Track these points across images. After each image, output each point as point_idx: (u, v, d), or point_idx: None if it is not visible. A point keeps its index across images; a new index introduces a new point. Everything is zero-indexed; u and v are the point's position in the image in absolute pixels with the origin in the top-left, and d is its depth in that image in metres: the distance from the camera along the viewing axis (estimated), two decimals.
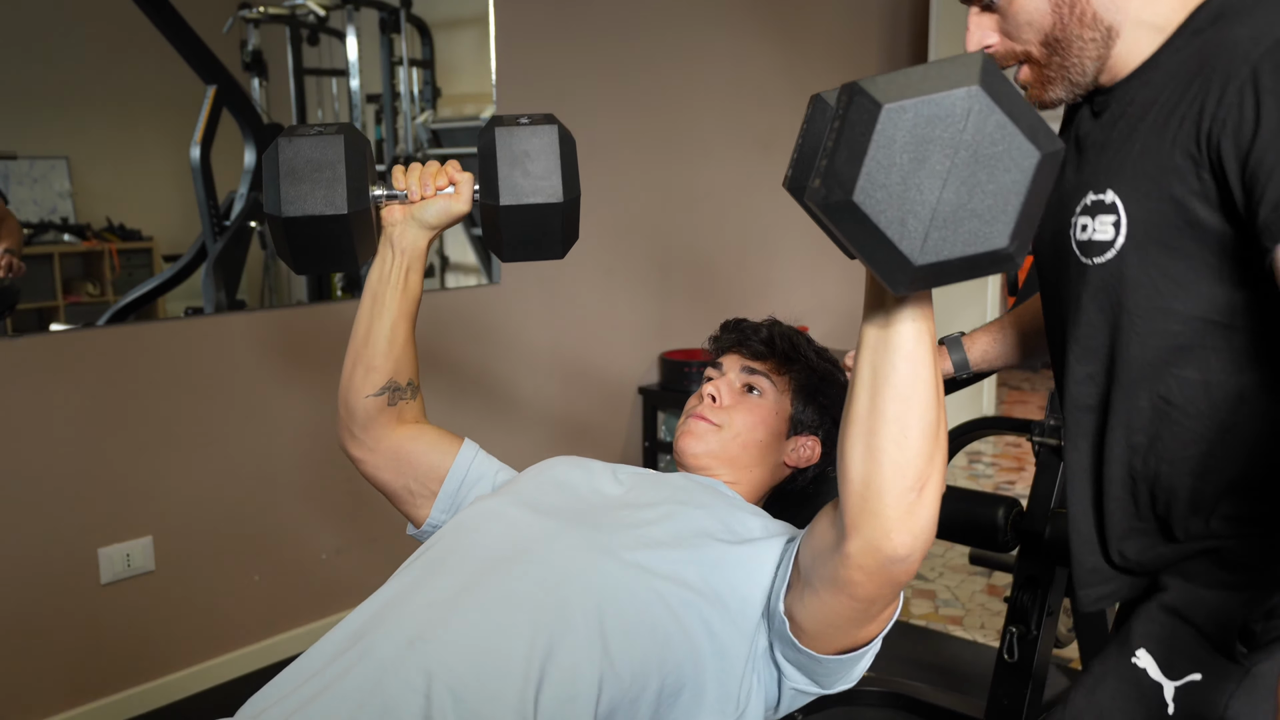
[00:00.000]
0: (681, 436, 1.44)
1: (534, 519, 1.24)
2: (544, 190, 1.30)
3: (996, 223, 0.78)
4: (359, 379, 1.41)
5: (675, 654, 1.11)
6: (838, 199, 0.78)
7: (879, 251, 0.79)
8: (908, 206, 0.77)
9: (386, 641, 1.07)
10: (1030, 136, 0.77)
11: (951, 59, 0.78)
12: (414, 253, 1.38)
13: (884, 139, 0.76)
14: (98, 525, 2.52)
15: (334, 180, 1.24)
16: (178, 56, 2.63)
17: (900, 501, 0.94)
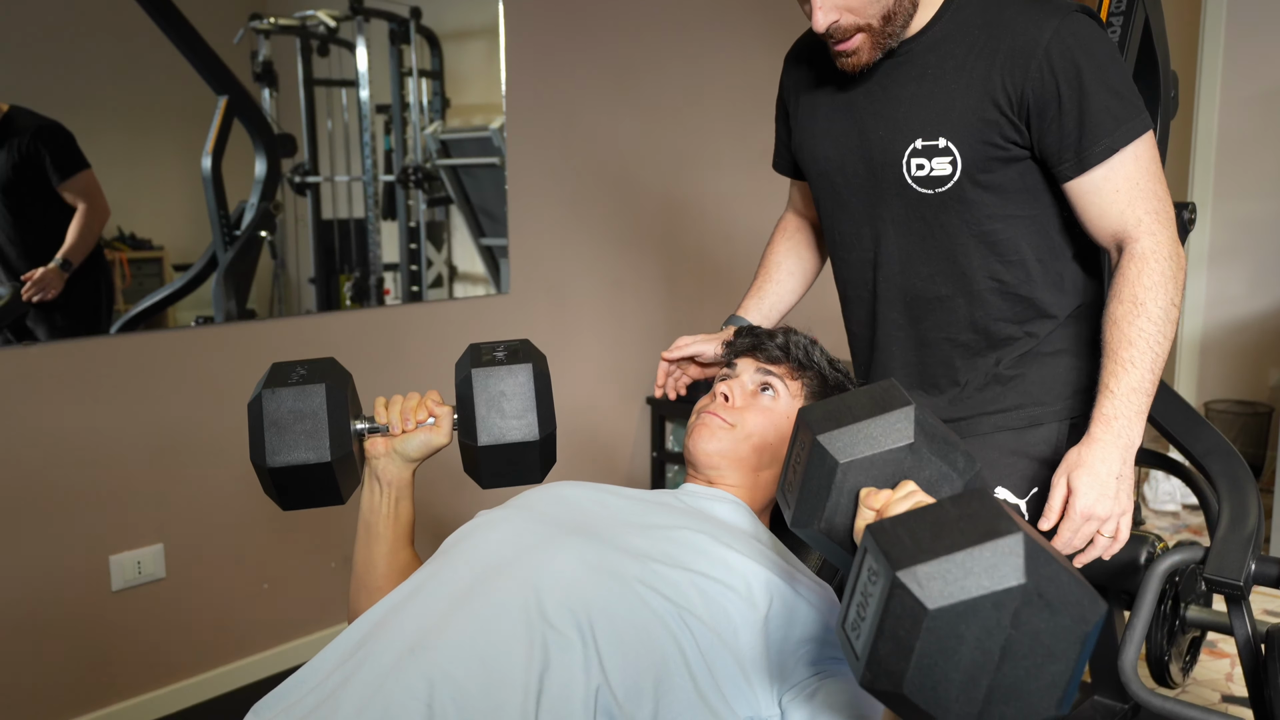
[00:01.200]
0: (694, 433, 1.43)
1: (536, 527, 1.24)
2: (520, 429, 1.35)
3: (1047, 698, 0.78)
4: (363, 601, 1.42)
5: (672, 674, 1.10)
6: (886, 689, 0.79)
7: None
8: (957, 692, 0.78)
9: (387, 649, 1.07)
10: (1076, 617, 0.77)
11: (987, 534, 0.78)
12: (400, 484, 1.42)
13: (931, 638, 0.77)
14: (109, 532, 2.53)
15: (316, 430, 1.29)
16: (189, 67, 2.64)
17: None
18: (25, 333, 2.42)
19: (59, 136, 2.46)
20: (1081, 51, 1.39)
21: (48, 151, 2.45)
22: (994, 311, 1.57)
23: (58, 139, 2.46)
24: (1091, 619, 0.78)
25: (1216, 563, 1.68)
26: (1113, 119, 1.39)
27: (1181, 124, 4.38)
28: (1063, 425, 1.60)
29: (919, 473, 1.03)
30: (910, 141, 1.49)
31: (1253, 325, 4.51)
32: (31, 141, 2.43)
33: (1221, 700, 2.69)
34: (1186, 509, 4.20)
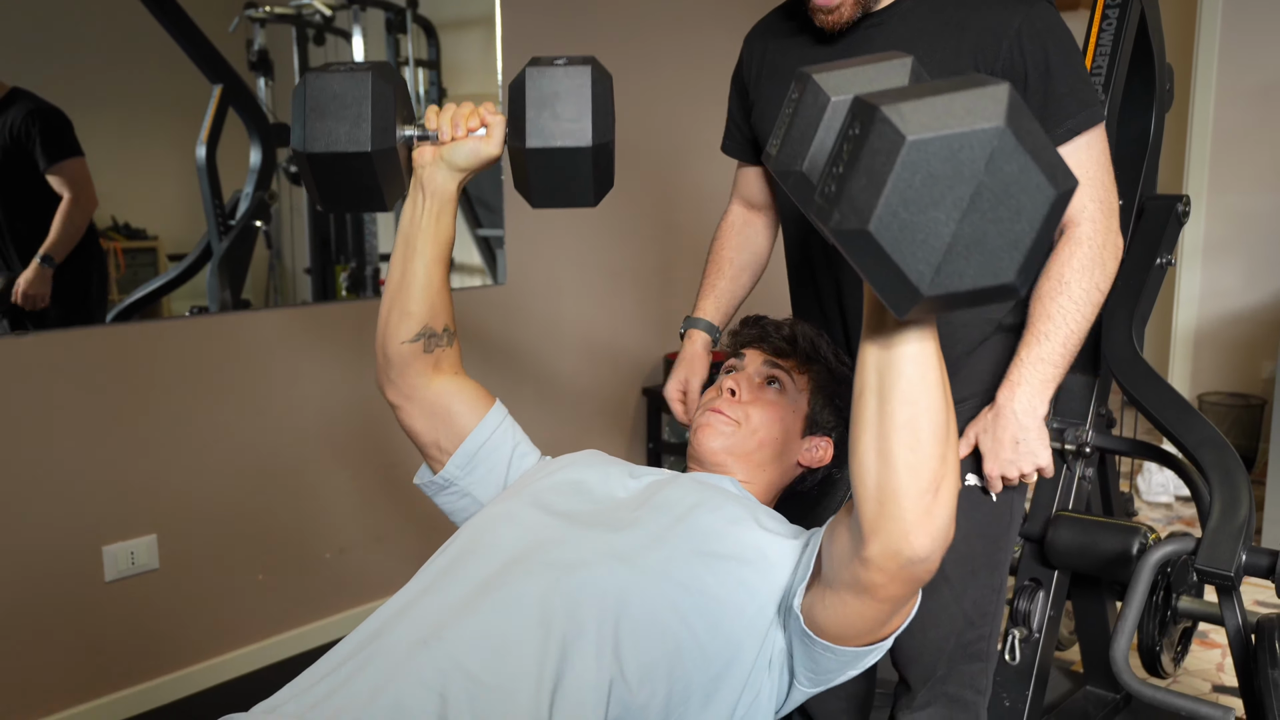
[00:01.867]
0: (698, 431, 1.43)
1: (548, 521, 1.24)
2: (573, 134, 1.26)
3: (1006, 258, 0.78)
4: (394, 324, 1.38)
5: (685, 661, 1.11)
6: (853, 227, 0.78)
7: (888, 279, 0.79)
8: (921, 238, 0.77)
9: (400, 641, 1.07)
10: (1049, 175, 0.77)
11: (974, 85, 0.77)
12: (444, 195, 1.36)
13: (906, 172, 0.75)
14: (102, 523, 2.53)
15: (358, 118, 1.22)
16: (184, 56, 2.64)
17: (917, 504, 0.95)
18: (19, 322, 2.42)
19: (53, 120, 2.44)
20: (1050, 38, 1.45)
21: (38, 133, 2.42)
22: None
23: (51, 122, 2.44)
24: (1064, 184, 0.77)
25: (1208, 553, 1.68)
26: (1076, 103, 1.46)
27: (1177, 117, 4.39)
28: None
29: None
30: None
31: (1246, 318, 4.52)
32: (24, 122, 2.41)
33: (1212, 690, 2.70)
34: (1179, 501, 4.21)
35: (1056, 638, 2.31)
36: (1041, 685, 2.15)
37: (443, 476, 1.42)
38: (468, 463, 1.41)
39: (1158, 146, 2.30)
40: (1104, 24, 2.07)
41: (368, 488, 3.03)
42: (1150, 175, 2.31)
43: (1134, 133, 2.26)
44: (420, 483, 1.48)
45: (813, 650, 1.13)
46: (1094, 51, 2.05)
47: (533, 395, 3.50)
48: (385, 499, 3.06)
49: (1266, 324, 4.42)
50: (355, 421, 2.97)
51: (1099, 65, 2.04)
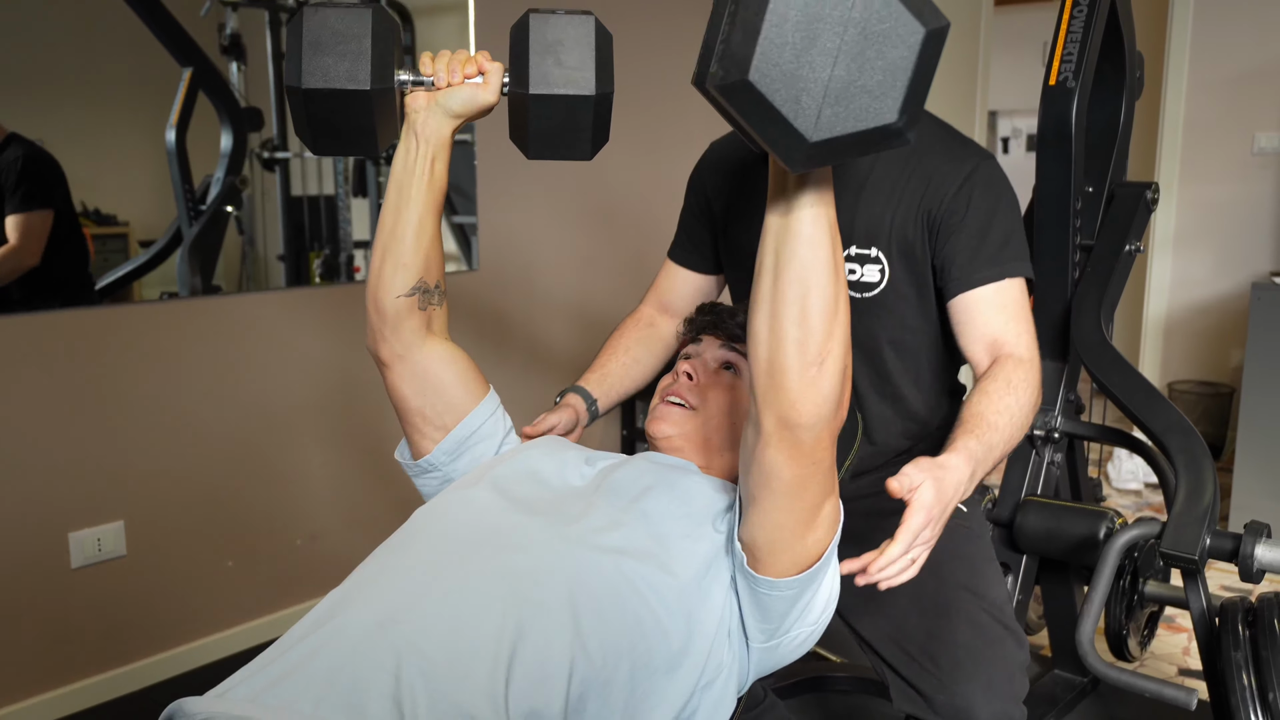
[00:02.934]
0: (654, 420, 1.43)
1: (505, 506, 1.24)
2: (576, 81, 1.25)
3: (886, 98, 0.81)
4: (388, 276, 1.36)
5: (647, 636, 1.11)
6: (734, 79, 0.80)
7: (775, 130, 0.82)
8: (801, 85, 0.80)
9: (355, 622, 1.07)
10: (916, 14, 0.80)
11: None
12: (438, 141, 1.33)
13: (776, 18, 0.79)
14: (68, 509, 2.51)
15: (358, 54, 1.19)
16: (153, 39, 2.61)
17: (803, 375, 1.02)
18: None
19: (39, 167, 2.44)
20: (997, 191, 1.58)
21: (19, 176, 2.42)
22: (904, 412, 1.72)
23: (36, 169, 2.44)
24: (932, 22, 0.81)
25: (1173, 537, 1.70)
26: (1012, 252, 1.56)
27: (1148, 106, 4.42)
28: None
29: None
30: (846, 248, 1.61)
31: (1215, 307, 4.56)
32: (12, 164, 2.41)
33: (1178, 673, 2.73)
34: (1149, 487, 4.25)
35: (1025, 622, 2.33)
36: None
37: (428, 461, 1.42)
38: (456, 449, 1.41)
39: (1128, 133, 2.32)
40: (1075, 10, 2.08)
41: (339, 474, 3.02)
42: (1120, 162, 2.33)
43: (1104, 120, 2.28)
44: (403, 461, 1.46)
45: (756, 592, 1.16)
46: (1065, 38, 2.06)
47: (507, 381, 3.48)
48: (357, 485, 3.05)
49: (1235, 313, 4.46)
50: (327, 407, 2.95)
51: (1069, 52, 2.05)
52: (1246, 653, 1.70)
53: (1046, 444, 2.26)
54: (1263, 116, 4.39)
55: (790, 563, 1.14)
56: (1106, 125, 2.29)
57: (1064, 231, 2.19)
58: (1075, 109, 2.03)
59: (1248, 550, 1.71)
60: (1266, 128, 4.39)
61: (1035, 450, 2.27)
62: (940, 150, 1.61)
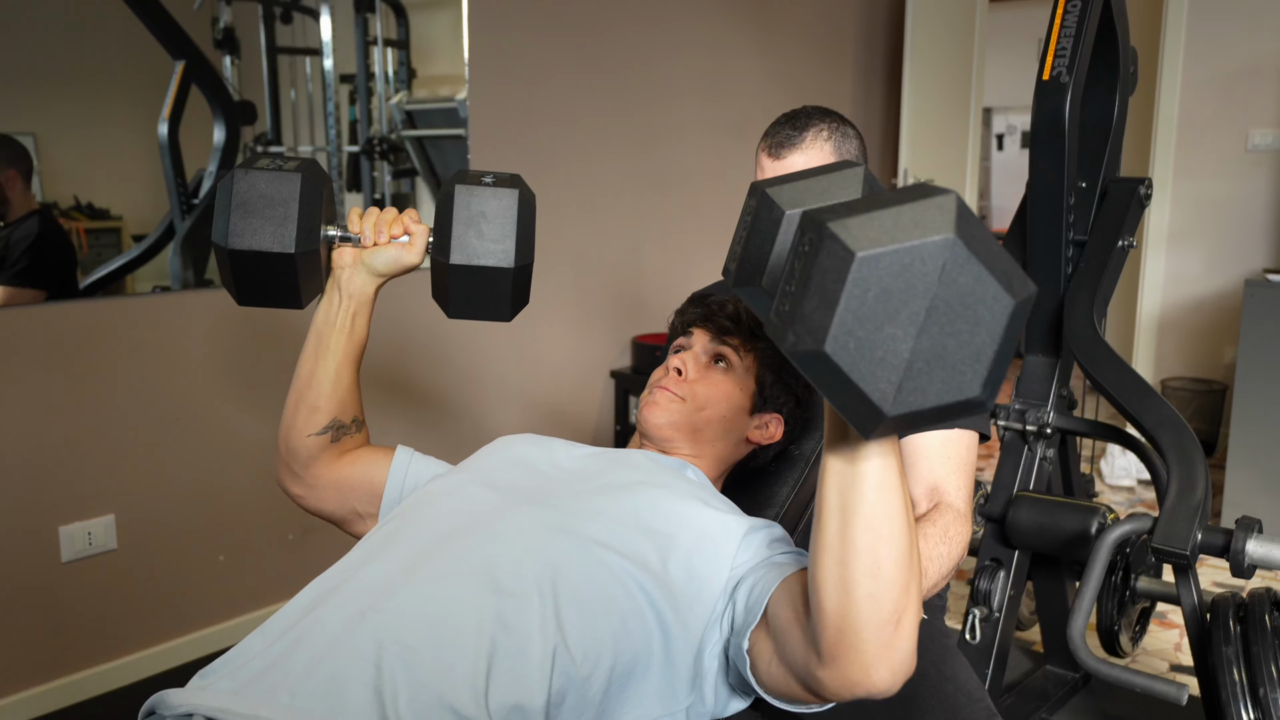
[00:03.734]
0: (645, 408, 1.43)
1: (490, 494, 1.23)
2: (496, 254, 1.30)
3: (970, 371, 0.76)
4: (302, 420, 1.39)
5: (630, 633, 1.10)
6: (808, 348, 0.76)
7: (850, 400, 0.77)
8: (879, 356, 0.75)
9: (337, 613, 1.06)
10: (1005, 284, 0.75)
11: (921, 196, 0.76)
12: (361, 298, 1.38)
13: (857, 289, 0.74)
14: (59, 503, 2.50)
15: (285, 218, 1.23)
16: (146, 32, 2.60)
17: (878, 636, 0.91)
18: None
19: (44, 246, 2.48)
20: None
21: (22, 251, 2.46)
22: None
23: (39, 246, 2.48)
24: (1021, 293, 0.76)
25: (1164, 532, 1.70)
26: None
27: (1143, 103, 4.43)
28: None
29: None
30: None
31: (1209, 304, 4.57)
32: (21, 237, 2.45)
33: (1170, 669, 2.73)
34: (1142, 484, 4.26)
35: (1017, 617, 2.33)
36: (1001, 664, 2.17)
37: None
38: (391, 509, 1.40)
39: (1121, 129, 2.32)
40: (1069, 5, 2.08)
41: None
42: (1114, 157, 2.33)
43: (1098, 115, 2.28)
44: None
45: (749, 689, 1.12)
46: (1059, 33, 2.06)
47: (499, 378, 3.48)
48: None
49: (1228, 310, 4.46)
50: None
51: (1063, 47, 2.05)
52: (1237, 648, 1.71)
53: (1039, 439, 2.26)
54: (1257, 113, 4.39)
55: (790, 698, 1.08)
56: (1100, 121, 2.28)
57: (1057, 227, 2.19)
58: (1069, 104, 2.03)
59: (1239, 546, 1.72)
60: (1261, 124, 4.39)
61: (1028, 446, 2.27)
62: None
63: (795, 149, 1.66)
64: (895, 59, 5.00)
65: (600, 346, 3.85)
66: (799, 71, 4.56)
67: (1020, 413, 2.28)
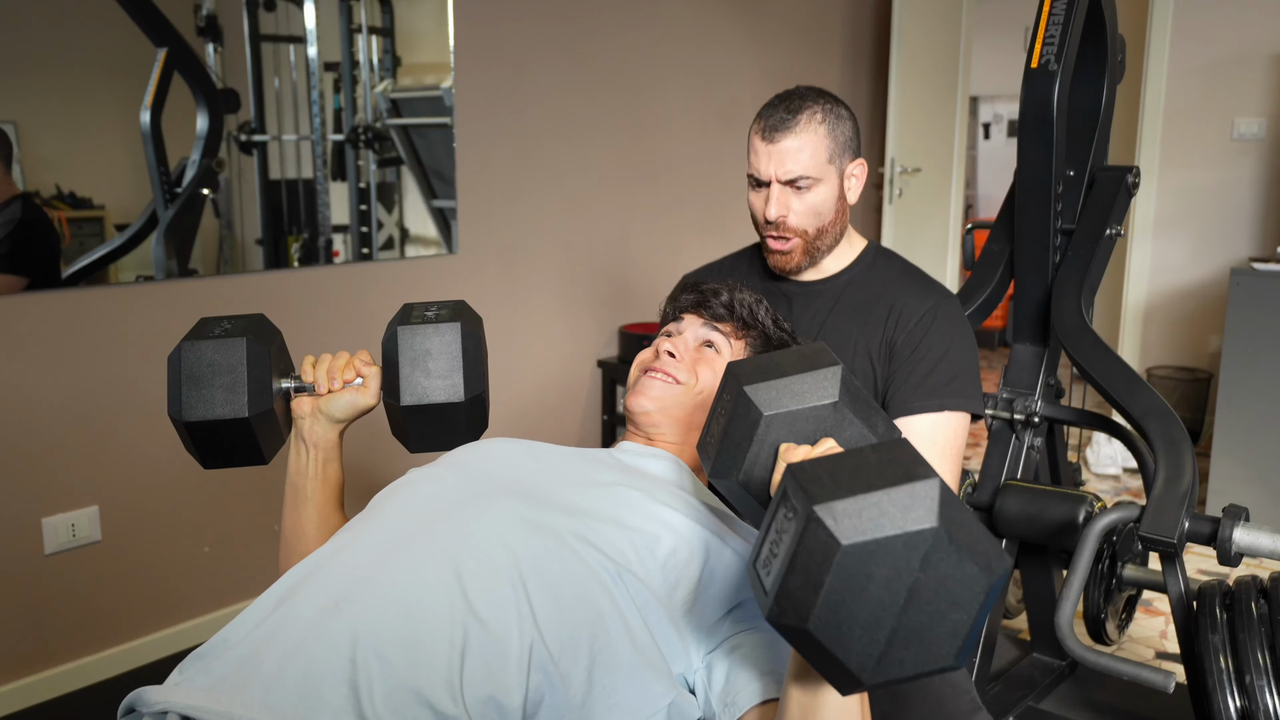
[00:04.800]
0: (634, 394, 1.41)
1: (466, 485, 1.22)
2: (445, 390, 1.32)
3: (947, 644, 0.80)
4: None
5: (609, 631, 1.08)
6: (791, 624, 0.80)
7: (831, 668, 0.81)
8: (860, 633, 0.79)
9: (310, 604, 1.05)
10: (983, 566, 0.79)
11: (904, 479, 0.80)
12: (327, 446, 1.39)
13: (842, 574, 0.78)
14: (42, 494, 2.48)
15: (234, 385, 1.26)
16: (128, 19, 2.57)
17: None
18: None
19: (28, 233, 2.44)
20: (953, 327, 1.69)
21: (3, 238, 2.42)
22: None
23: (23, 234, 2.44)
24: (997, 570, 0.79)
25: (1151, 521, 1.70)
26: (957, 388, 1.63)
27: (1129, 91, 4.43)
28: None
29: (840, 432, 1.05)
30: None
31: (1194, 293, 4.59)
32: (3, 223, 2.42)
33: (1155, 657, 2.75)
34: (1128, 472, 4.27)
35: (1004, 606, 2.34)
36: (989, 652, 2.18)
37: None
38: None
39: (1109, 117, 2.32)
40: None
41: None
42: (1101, 146, 2.32)
43: (1086, 103, 2.27)
44: None
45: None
46: (1047, 20, 2.05)
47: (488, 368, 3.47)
48: None
49: (1214, 299, 4.48)
50: None
51: (1051, 35, 2.04)
52: (1224, 636, 1.71)
53: (1026, 428, 2.26)
54: (1242, 102, 4.40)
55: None
56: (1088, 109, 2.28)
57: (1045, 215, 2.18)
58: (1057, 92, 2.03)
59: (1226, 534, 1.72)
60: (1246, 114, 4.40)
61: (1015, 434, 2.27)
62: (908, 286, 1.74)
63: (789, 132, 1.66)
64: (882, 47, 4.99)
65: (587, 336, 3.84)
66: (786, 59, 4.55)
67: (1008, 401, 2.28)
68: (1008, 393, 2.30)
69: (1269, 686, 1.65)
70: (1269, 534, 1.70)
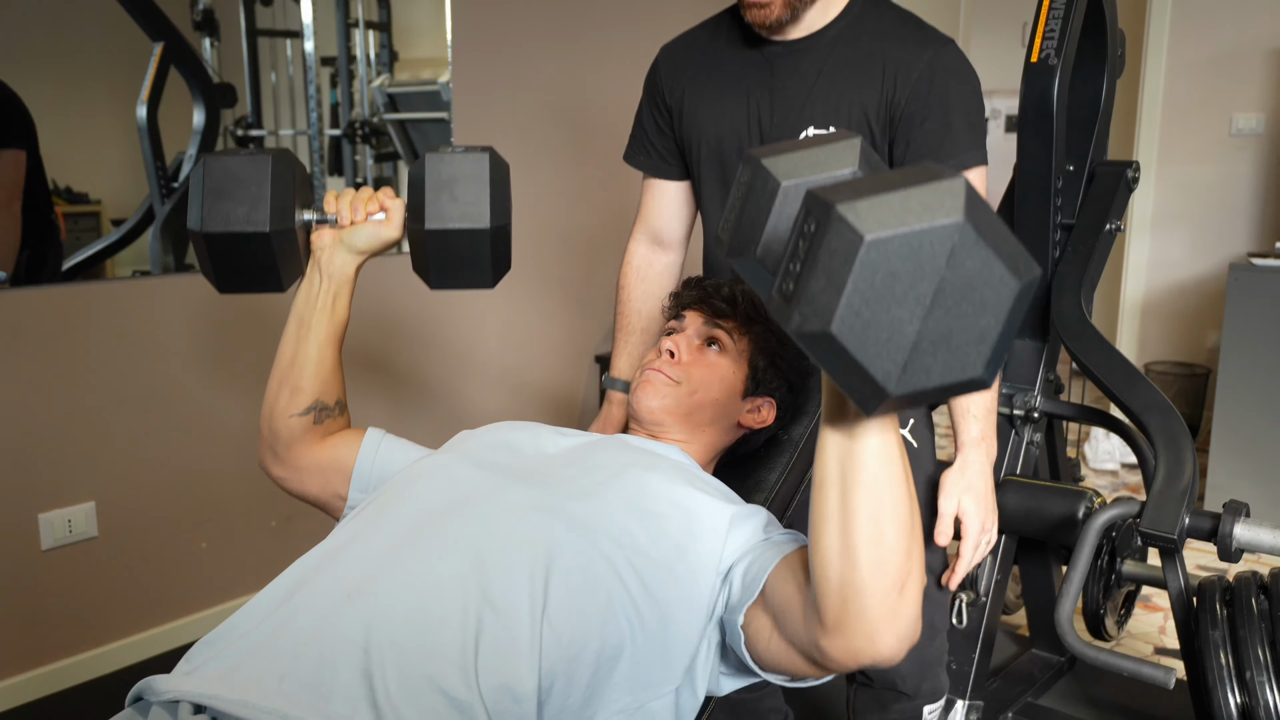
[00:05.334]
0: (637, 391, 1.41)
1: (477, 474, 1.22)
2: (471, 216, 1.30)
3: (975, 352, 0.77)
4: (284, 401, 1.38)
5: (616, 615, 1.09)
6: (814, 329, 0.76)
7: (855, 380, 0.78)
8: (885, 337, 0.76)
9: (323, 595, 1.05)
10: (1011, 267, 0.76)
11: (930, 179, 0.76)
12: (342, 278, 1.38)
13: (865, 271, 0.74)
14: (38, 490, 2.47)
15: (258, 198, 1.24)
16: (124, 13, 2.56)
17: (883, 603, 0.91)
18: None
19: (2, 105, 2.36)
20: (956, 77, 1.58)
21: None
22: None
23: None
24: (1026, 275, 0.76)
25: (1151, 516, 1.70)
26: (968, 141, 1.55)
27: (1127, 86, 4.42)
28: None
29: None
30: (804, 128, 1.61)
31: (1192, 288, 4.58)
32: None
33: (1155, 652, 2.75)
34: (1126, 468, 4.27)
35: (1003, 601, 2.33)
36: (988, 648, 2.18)
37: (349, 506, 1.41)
38: (367, 485, 1.39)
39: (1109, 112, 2.31)
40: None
41: None
42: (1101, 141, 2.32)
43: (1085, 97, 2.27)
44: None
45: (746, 668, 1.12)
46: (1047, 14, 2.04)
47: (483, 362, 3.47)
48: None
49: (1212, 294, 4.48)
50: None
51: (1051, 29, 2.04)
52: (1224, 632, 1.71)
53: (1026, 424, 2.26)
54: (1241, 97, 4.40)
55: (790, 672, 1.08)
56: (1088, 103, 2.28)
57: (1045, 210, 2.18)
58: (1057, 86, 2.02)
59: (1227, 529, 1.72)
60: (1245, 109, 4.40)
61: (1014, 430, 2.26)
62: (902, 35, 1.62)
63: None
64: None
65: (585, 331, 3.84)
66: None
67: (1007, 397, 2.28)
68: (1007, 388, 2.29)
69: (1269, 682, 1.65)
70: (1270, 530, 1.70)
